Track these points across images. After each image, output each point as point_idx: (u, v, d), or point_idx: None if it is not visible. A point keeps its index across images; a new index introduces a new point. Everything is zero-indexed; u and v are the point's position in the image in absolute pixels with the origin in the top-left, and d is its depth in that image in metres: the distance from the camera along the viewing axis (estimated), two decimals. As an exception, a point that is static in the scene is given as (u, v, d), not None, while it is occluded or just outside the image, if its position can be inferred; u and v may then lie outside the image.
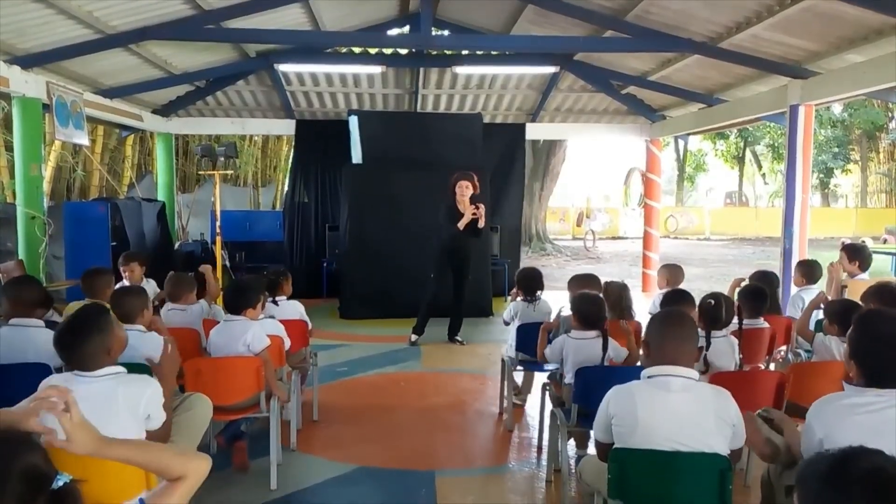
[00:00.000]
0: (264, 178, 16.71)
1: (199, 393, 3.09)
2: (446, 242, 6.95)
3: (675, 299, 4.05)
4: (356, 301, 8.66)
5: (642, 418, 2.30)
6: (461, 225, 6.79)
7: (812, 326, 4.44)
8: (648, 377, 2.40)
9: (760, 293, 4.23)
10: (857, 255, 5.16)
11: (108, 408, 2.36)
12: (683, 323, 2.50)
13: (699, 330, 3.35)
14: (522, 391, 5.21)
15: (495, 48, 9.69)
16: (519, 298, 5.09)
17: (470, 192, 6.89)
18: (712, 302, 3.64)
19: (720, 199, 37.50)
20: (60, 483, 1.32)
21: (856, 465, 1.27)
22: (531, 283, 5.07)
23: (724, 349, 3.56)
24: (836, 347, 3.47)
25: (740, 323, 3.73)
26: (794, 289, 5.25)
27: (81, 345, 2.43)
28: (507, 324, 5.15)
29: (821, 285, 5.08)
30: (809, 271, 4.99)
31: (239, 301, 3.91)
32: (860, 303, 3.67)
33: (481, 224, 6.89)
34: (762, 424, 2.53)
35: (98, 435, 1.57)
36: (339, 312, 8.78)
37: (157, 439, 2.49)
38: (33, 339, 3.40)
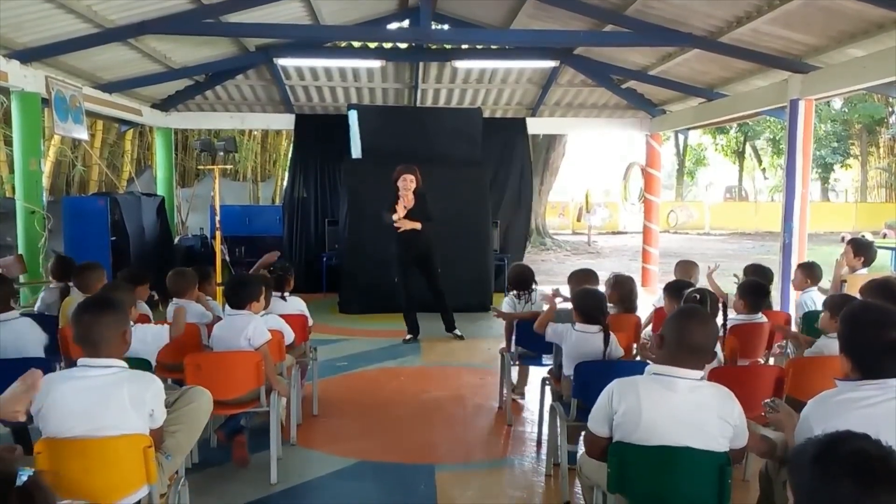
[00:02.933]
0: (264, 173, 16.71)
1: (199, 386, 3.10)
2: (398, 243, 6.96)
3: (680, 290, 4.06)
4: (356, 296, 8.66)
5: (646, 415, 2.30)
6: (397, 223, 6.80)
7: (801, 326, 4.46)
8: (654, 374, 2.38)
9: (761, 288, 4.22)
10: (862, 250, 5.13)
11: (112, 401, 2.37)
12: (707, 328, 2.41)
13: None
14: (518, 386, 5.19)
15: (495, 42, 9.67)
16: (513, 294, 5.14)
17: (413, 185, 6.88)
18: (697, 297, 3.60)
19: (720, 193, 37.48)
20: (24, 478, 1.30)
21: (841, 449, 1.32)
22: (522, 281, 5.11)
23: None
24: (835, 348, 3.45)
25: (725, 318, 3.69)
26: (794, 292, 5.20)
27: (99, 323, 2.45)
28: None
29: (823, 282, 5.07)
30: (812, 273, 4.92)
31: (241, 295, 3.91)
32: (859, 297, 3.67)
33: (405, 226, 6.83)
34: (757, 426, 2.53)
35: None
36: (339, 307, 8.78)
37: (156, 436, 2.50)
38: (15, 329, 3.47)
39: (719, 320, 3.70)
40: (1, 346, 3.37)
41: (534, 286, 5.11)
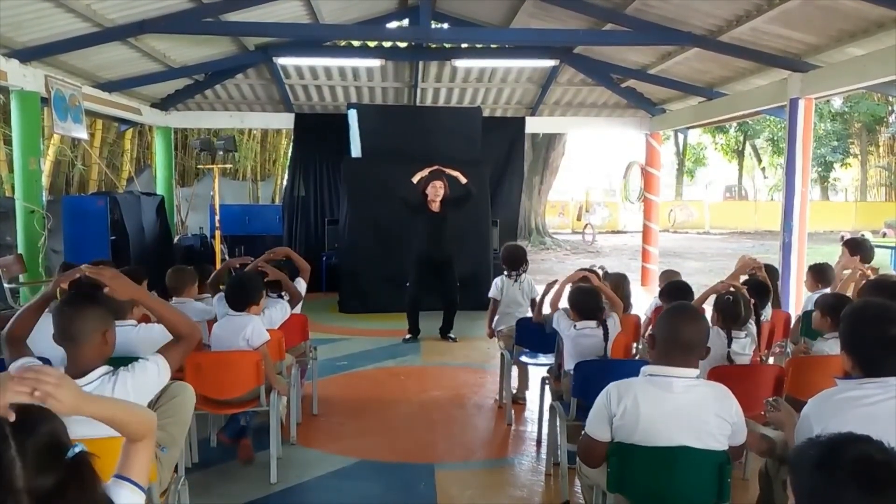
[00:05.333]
0: (263, 172, 16.70)
1: (179, 381, 3.07)
2: (423, 246, 7.00)
3: (676, 292, 4.06)
4: (356, 295, 8.66)
5: (644, 417, 2.29)
6: (415, 179, 6.94)
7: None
8: (650, 375, 2.37)
9: (762, 287, 4.21)
10: (858, 249, 5.14)
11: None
12: (698, 323, 2.41)
13: (720, 329, 3.32)
14: (518, 390, 5.18)
15: (495, 41, 9.66)
16: (504, 275, 5.37)
17: (442, 192, 6.95)
18: (731, 298, 3.48)
19: (719, 192, 37.45)
20: (76, 451, 1.35)
21: (844, 454, 1.32)
22: (513, 260, 5.38)
23: (747, 348, 3.49)
24: (829, 350, 3.44)
25: (758, 320, 3.62)
26: (794, 292, 5.18)
27: (80, 317, 2.36)
28: (495, 301, 5.41)
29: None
30: (823, 275, 4.90)
31: (243, 297, 3.90)
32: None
33: (463, 179, 6.99)
34: (756, 425, 2.53)
35: (80, 392, 1.55)
36: (339, 306, 8.78)
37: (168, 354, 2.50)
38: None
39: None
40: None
41: (524, 266, 5.38)
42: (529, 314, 5.28)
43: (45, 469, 1.29)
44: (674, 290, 4.12)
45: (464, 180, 7.02)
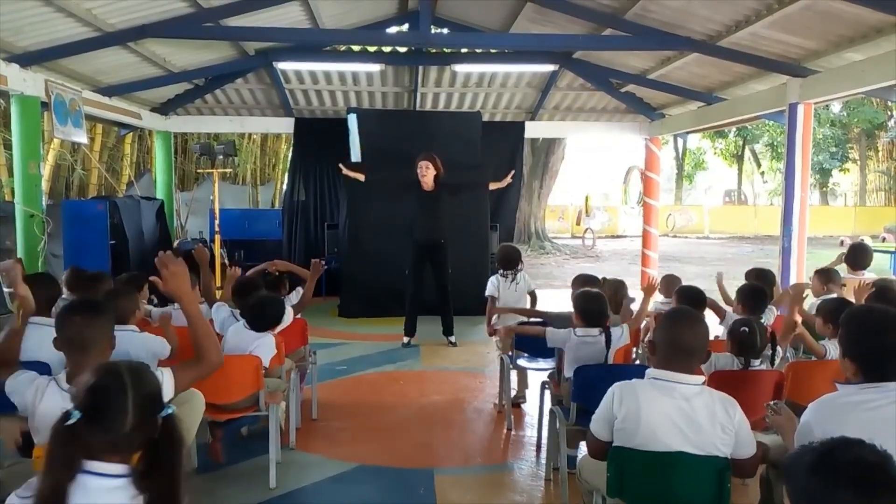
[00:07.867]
0: (263, 177, 16.69)
1: (191, 388, 3.07)
2: (416, 232, 7.06)
3: (690, 300, 4.03)
4: (355, 300, 8.66)
5: (645, 420, 2.29)
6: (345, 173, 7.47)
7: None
8: (653, 378, 2.37)
9: (759, 292, 4.21)
10: (856, 254, 5.16)
11: None
12: (697, 329, 2.40)
13: (734, 357, 3.30)
14: (518, 391, 5.19)
15: (494, 46, 9.68)
16: (499, 274, 5.49)
17: (432, 172, 7.00)
18: (747, 330, 3.37)
19: (719, 197, 37.47)
20: (169, 412, 1.65)
21: (839, 458, 1.34)
22: (509, 261, 5.52)
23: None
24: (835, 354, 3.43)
25: (773, 351, 3.53)
26: (813, 298, 5.14)
27: (91, 326, 2.37)
28: (493, 299, 5.51)
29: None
30: (830, 279, 4.86)
31: (264, 321, 3.91)
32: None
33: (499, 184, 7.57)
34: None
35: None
36: (339, 311, 8.78)
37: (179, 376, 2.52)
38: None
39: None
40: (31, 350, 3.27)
41: (520, 266, 5.51)
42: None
43: (146, 422, 1.59)
44: (688, 298, 4.10)
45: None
